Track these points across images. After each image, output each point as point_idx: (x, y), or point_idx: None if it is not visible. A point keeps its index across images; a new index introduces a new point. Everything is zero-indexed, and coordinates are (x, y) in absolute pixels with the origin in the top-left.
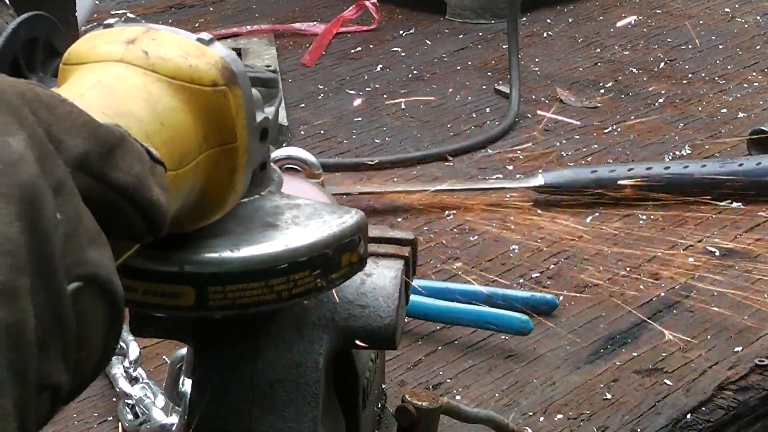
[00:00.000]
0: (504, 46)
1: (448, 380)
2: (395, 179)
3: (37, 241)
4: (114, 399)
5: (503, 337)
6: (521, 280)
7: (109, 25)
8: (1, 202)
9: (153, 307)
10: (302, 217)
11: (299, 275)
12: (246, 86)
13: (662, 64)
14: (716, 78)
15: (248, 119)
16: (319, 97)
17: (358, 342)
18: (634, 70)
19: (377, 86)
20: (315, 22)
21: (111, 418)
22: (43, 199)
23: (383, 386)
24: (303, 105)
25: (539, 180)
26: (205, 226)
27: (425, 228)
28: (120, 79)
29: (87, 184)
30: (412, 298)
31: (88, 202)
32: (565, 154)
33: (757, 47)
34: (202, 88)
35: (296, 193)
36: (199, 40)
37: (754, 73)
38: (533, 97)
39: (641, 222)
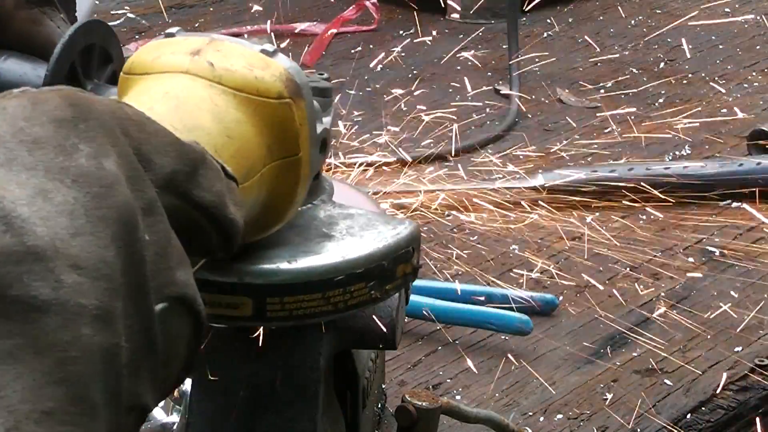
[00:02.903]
0: (504, 46)
1: (448, 380)
2: (396, 179)
3: (131, 263)
4: None
5: (503, 337)
6: (521, 280)
7: (171, 35)
8: (99, 225)
9: (212, 317)
10: (357, 228)
11: (355, 287)
12: (309, 97)
13: (662, 64)
14: (716, 78)
15: (311, 131)
16: None
17: (358, 342)
18: (634, 70)
19: (377, 86)
20: (315, 22)
21: None
22: (136, 220)
23: (383, 386)
24: None
25: (539, 180)
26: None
27: (425, 228)
28: (187, 91)
29: (172, 203)
30: (412, 298)
31: (171, 221)
32: (565, 154)
33: (757, 47)
34: (268, 100)
35: (346, 201)
36: (263, 51)
37: (754, 73)
38: (533, 97)
39: (641, 222)
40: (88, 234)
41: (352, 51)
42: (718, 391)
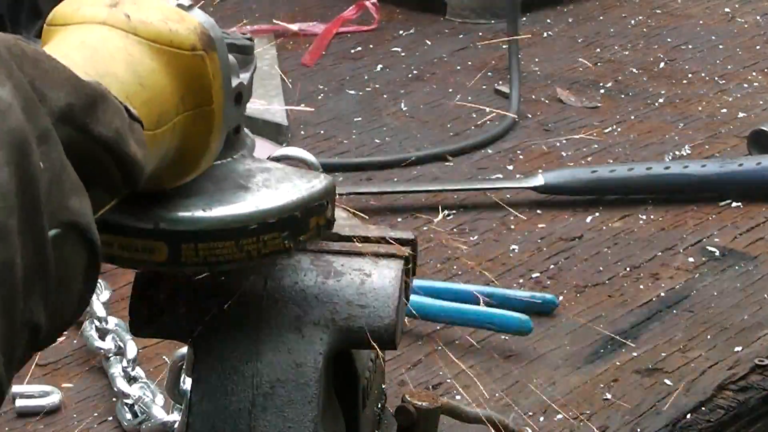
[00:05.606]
0: (504, 46)
1: (448, 380)
2: (395, 179)
3: (25, 184)
4: (114, 399)
5: (503, 337)
6: (521, 280)
7: None
8: None
9: (128, 261)
10: (273, 180)
11: (268, 236)
12: (223, 51)
13: (662, 64)
14: (716, 78)
15: (224, 83)
16: (319, 97)
17: (358, 342)
18: (634, 70)
19: (377, 86)
20: (315, 22)
21: (111, 418)
22: (30, 145)
23: (383, 386)
24: (303, 105)
25: (539, 180)
26: (181, 185)
27: (425, 228)
28: (103, 41)
29: (69, 135)
30: (412, 298)
31: (70, 153)
32: (565, 154)
33: (757, 47)
34: (182, 51)
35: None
36: (179, 5)
37: (754, 73)
38: (533, 97)
39: (641, 222)
40: None
41: (352, 51)
42: (718, 391)
